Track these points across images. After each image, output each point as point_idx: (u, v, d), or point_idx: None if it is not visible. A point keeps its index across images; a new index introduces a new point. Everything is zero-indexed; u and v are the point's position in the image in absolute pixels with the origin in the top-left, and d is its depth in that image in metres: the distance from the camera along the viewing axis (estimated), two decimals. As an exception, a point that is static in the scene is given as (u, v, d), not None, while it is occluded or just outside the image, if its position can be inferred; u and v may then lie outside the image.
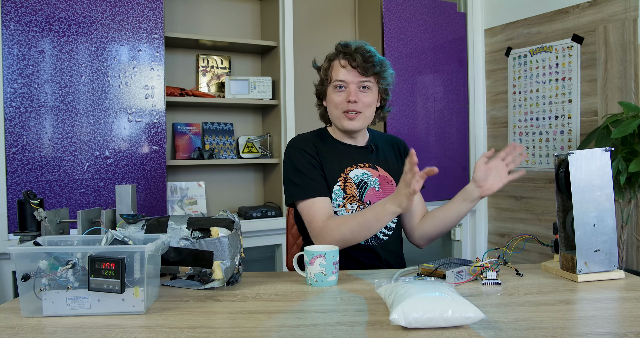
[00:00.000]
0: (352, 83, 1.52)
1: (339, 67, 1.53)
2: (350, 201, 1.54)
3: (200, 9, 2.82)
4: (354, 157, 1.61)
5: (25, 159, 2.11)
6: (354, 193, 1.55)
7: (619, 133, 2.17)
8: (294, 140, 1.62)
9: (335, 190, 1.54)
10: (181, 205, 2.65)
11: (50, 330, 0.96)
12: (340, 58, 1.54)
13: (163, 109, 2.38)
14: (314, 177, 1.52)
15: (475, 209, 3.35)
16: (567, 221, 1.30)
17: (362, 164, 1.60)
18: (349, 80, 1.52)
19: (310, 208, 1.49)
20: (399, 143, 1.75)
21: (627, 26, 2.52)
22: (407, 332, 0.91)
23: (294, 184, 1.53)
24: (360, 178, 1.57)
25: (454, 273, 1.23)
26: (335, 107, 1.56)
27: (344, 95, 1.53)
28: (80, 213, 1.29)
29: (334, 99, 1.55)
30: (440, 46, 3.19)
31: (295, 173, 1.53)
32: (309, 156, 1.55)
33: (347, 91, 1.53)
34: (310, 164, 1.54)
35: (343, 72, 1.53)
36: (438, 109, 3.18)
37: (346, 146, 1.63)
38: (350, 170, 1.57)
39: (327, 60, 1.59)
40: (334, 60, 1.56)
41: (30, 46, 2.12)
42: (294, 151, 1.57)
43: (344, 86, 1.53)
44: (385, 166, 1.64)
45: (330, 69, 1.56)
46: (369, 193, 1.57)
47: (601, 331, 0.92)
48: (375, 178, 1.59)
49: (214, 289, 1.22)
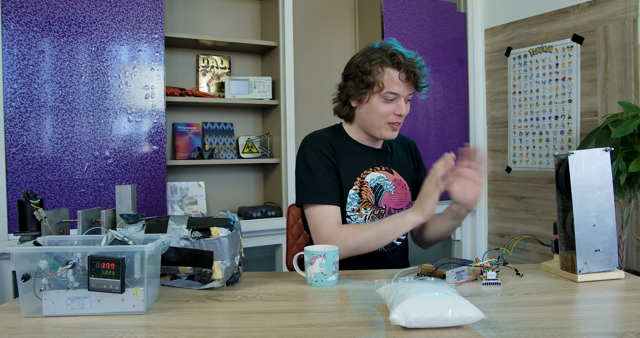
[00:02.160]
0: (403, 96, 1.48)
1: (398, 81, 1.45)
2: (365, 206, 1.52)
3: (200, 9, 2.82)
4: (370, 160, 1.57)
5: (25, 159, 2.11)
6: (369, 198, 1.52)
7: (619, 133, 2.17)
8: (310, 138, 1.56)
9: (350, 194, 1.51)
10: (181, 205, 2.65)
11: (50, 330, 0.96)
12: (401, 71, 1.45)
13: (163, 109, 2.38)
14: (327, 181, 1.48)
15: (476, 210, 3.35)
16: (567, 221, 1.30)
17: (379, 168, 1.57)
18: (402, 93, 1.47)
19: (320, 212, 1.45)
20: (411, 143, 1.73)
21: (627, 26, 2.52)
22: (407, 332, 0.91)
23: (305, 186, 1.49)
24: (376, 181, 1.54)
25: (454, 273, 1.23)
26: (381, 117, 1.48)
27: (392, 107, 1.47)
28: (80, 213, 1.29)
29: (382, 110, 1.47)
30: (440, 46, 3.19)
31: (308, 174, 1.49)
32: (324, 157, 1.50)
33: (397, 104, 1.47)
34: (325, 166, 1.49)
35: (401, 86, 1.46)
36: (438, 109, 3.18)
37: (363, 147, 1.58)
38: (367, 173, 1.54)
39: (378, 64, 1.46)
40: (390, 68, 1.46)
41: (30, 46, 2.12)
42: (310, 150, 1.51)
43: (395, 98, 1.47)
44: (400, 169, 1.61)
45: (384, 77, 1.46)
46: (385, 197, 1.55)
47: (601, 331, 0.92)
48: (390, 182, 1.57)
49: (214, 289, 1.22)
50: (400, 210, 1.57)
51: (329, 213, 1.45)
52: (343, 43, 3.21)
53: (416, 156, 1.71)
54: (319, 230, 1.44)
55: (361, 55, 1.51)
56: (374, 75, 1.46)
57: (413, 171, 1.68)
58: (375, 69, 1.46)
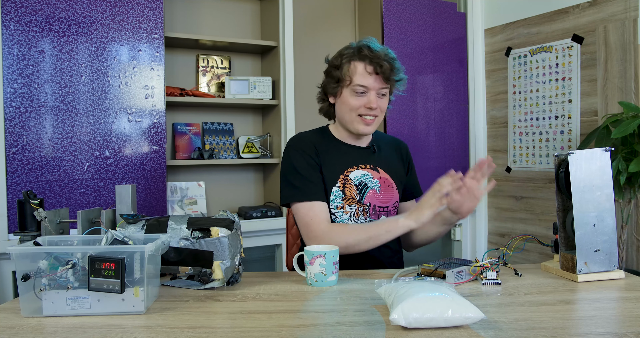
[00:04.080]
0: (374, 89, 1.50)
1: (365, 73, 1.48)
2: (349, 203, 1.53)
3: (200, 9, 2.82)
4: (355, 158, 1.59)
5: (25, 159, 2.11)
6: (353, 195, 1.54)
7: (619, 133, 2.17)
8: (293, 140, 1.60)
9: (334, 191, 1.53)
10: (181, 205, 2.65)
11: (50, 330, 0.96)
12: (366, 63, 1.48)
13: (163, 109, 2.38)
14: (313, 179, 1.51)
15: (476, 210, 3.35)
16: (567, 221, 1.30)
17: (363, 166, 1.59)
18: (371, 86, 1.49)
19: (309, 210, 1.48)
20: (402, 146, 1.74)
21: (627, 26, 2.52)
22: (407, 332, 0.91)
23: (292, 186, 1.51)
24: (360, 179, 1.56)
25: (454, 273, 1.23)
26: (351, 110, 1.52)
27: (363, 100, 1.50)
28: (80, 213, 1.29)
29: (352, 103, 1.51)
30: (440, 46, 3.19)
31: (293, 174, 1.52)
32: (308, 157, 1.53)
33: (367, 97, 1.50)
34: (310, 165, 1.52)
35: (368, 79, 1.48)
36: (438, 109, 3.18)
37: (348, 146, 1.61)
38: (351, 171, 1.56)
39: (347, 58, 1.51)
40: (357, 61, 1.50)
41: (30, 46, 2.12)
42: (293, 151, 1.55)
43: (365, 91, 1.50)
44: (387, 168, 1.63)
45: (351, 70, 1.50)
46: (369, 194, 1.56)
47: (601, 331, 0.92)
48: (376, 180, 1.58)
49: (214, 289, 1.22)
50: (386, 208, 1.58)
51: (319, 210, 1.47)
52: (343, 43, 3.17)
53: (407, 159, 1.73)
54: (310, 226, 1.46)
55: (337, 52, 1.57)
56: (343, 69, 1.51)
57: (403, 172, 1.69)
58: (345, 63, 1.52)
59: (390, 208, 1.60)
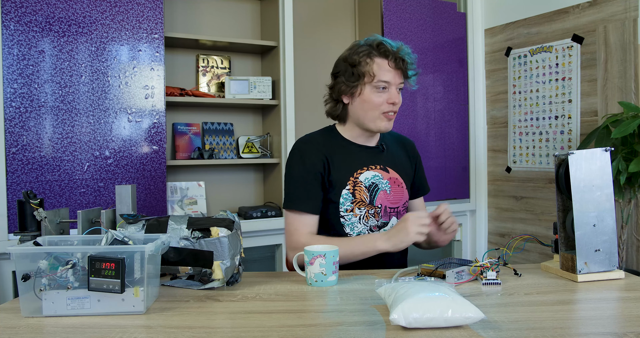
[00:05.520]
0: (394, 84, 1.49)
1: (388, 68, 1.47)
2: (359, 206, 1.52)
3: (200, 9, 2.82)
4: (364, 159, 1.56)
5: (25, 159, 2.11)
6: (363, 197, 1.52)
7: (619, 133, 2.17)
8: (301, 142, 1.57)
9: (343, 194, 1.51)
10: (181, 205, 2.65)
11: (50, 330, 0.96)
12: (389, 59, 1.47)
13: (163, 109, 2.38)
14: (308, 189, 1.49)
15: (475, 209, 3.35)
16: (567, 221, 1.30)
17: (373, 166, 1.56)
18: (392, 81, 1.49)
19: (295, 220, 1.49)
20: (408, 143, 1.73)
21: (627, 26, 2.52)
22: (407, 332, 0.91)
23: (287, 192, 1.53)
24: (371, 180, 1.54)
25: (454, 273, 1.23)
26: (375, 107, 1.49)
27: (385, 96, 1.48)
28: (80, 213, 1.30)
29: (375, 100, 1.48)
30: (440, 46, 3.19)
31: (290, 181, 1.53)
32: (310, 165, 1.50)
33: (389, 93, 1.49)
34: (309, 173, 1.50)
35: (390, 74, 1.48)
36: (438, 109, 3.18)
37: (357, 146, 1.58)
38: (361, 173, 1.54)
39: (365, 55, 1.48)
40: (378, 57, 1.48)
41: (30, 46, 2.12)
42: (297, 157, 1.53)
43: (386, 86, 1.49)
44: (395, 167, 1.61)
45: (371, 66, 1.47)
46: (380, 196, 1.54)
47: (601, 331, 0.92)
48: (386, 181, 1.56)
49: (214, 289, 1.22)
50: (396, 209, 1.58)
51: (304, 223, 1.49)
52: (343, 43, 3.20)
53: (414, 156, 1.71)
54: (292, 236, 1.49)
55: (348, 51, 1.54)
56: (363, 66, 1.48)
57: (411, 170, 1.68)
58: (364, 60, 1.49)
59: (400, 208, 1.59)
